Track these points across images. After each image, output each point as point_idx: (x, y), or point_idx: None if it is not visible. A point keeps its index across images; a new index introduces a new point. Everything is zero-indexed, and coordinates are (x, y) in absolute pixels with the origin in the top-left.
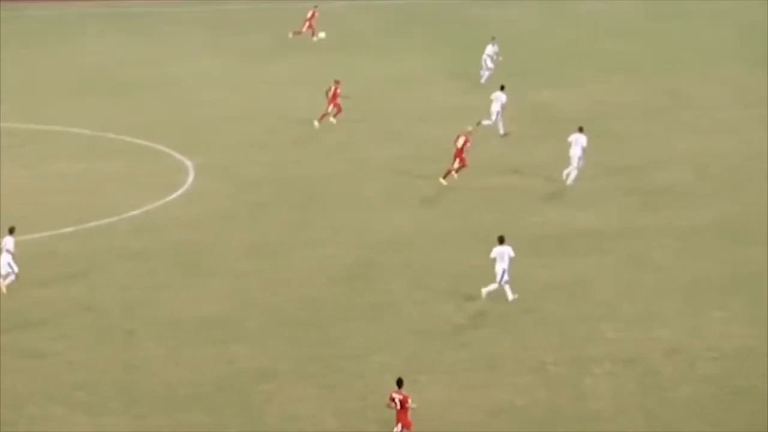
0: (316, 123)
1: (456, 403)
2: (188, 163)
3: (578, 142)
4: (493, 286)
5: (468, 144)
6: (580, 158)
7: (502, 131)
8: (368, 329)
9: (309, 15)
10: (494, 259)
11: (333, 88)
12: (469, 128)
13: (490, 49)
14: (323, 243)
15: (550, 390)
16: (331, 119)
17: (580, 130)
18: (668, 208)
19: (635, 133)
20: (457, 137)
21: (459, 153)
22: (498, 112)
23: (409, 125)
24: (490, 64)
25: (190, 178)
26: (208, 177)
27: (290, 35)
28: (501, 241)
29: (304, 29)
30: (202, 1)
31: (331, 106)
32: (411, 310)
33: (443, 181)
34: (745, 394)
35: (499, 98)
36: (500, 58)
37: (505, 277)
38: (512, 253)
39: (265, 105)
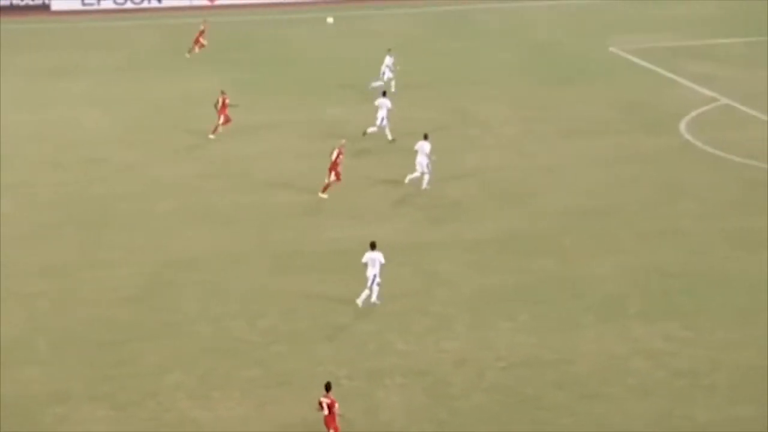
0: (211, 136)
1: (250, 419)
2: None
3: (423, 149)
4: (365, 293)
5: (341, 156)
6: (427, 164)
7: (390, 137)
8: (161, 348)
9: (200, 29)
10: (365, 264)
11: (221, 100)
12: (343, 141)
13: (388, 60)
14: (116, 263)
15: (343, 403)
16: (216, 132)
17: (425, 137)
18: (456, 221)
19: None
20: (331, 150)
21: (334, 166)
22: (383, 118)
23: (202, 143)
24: (389, 74)
25: None
26: None
27: (187, 55)
28: (372, 246)
29: (200, 43)
30: None
31: (221, 118)
32: (204, 328)
33: (323, 195)
34: (532, 402)
35: (383, 104)
36: (398, 68)
37: (376, 280)
38: (383, 260)
39: (57, 124)
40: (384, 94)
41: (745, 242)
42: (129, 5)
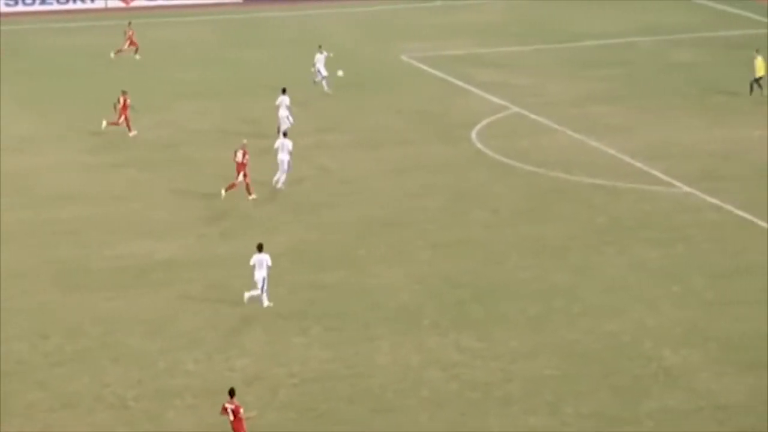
0: (104, 122)
1: None
2: None
3: (284, 147)
4: (255, 292)
5: (247, 156)
6: (289, 162)
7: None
8: None
9: (129, 33)
10: (254, 266)
11: (122, 100)
12: (245, 141)
13: (319, 58)
14: None
15: (131, 426)
16: (131, 134)
17: (284, 135)
18: (246, 235)
19: (211, 160)
20: (235, 152)
21: (241, 167)
22: (287, 117)
23: None
24: (324, 72)
25: None
26: None
27: (112, 55)
28: (259, 248)
29: (125, 47)
30: None
31: (121, 118)
32: None
33: (250, 197)
34: (326, 417)
35: (283, 101)
36: (331, 55)
37: (266, 285)
38: (269, 262)
39: None
40: (284, 91)
41: (537, 250)
42: None
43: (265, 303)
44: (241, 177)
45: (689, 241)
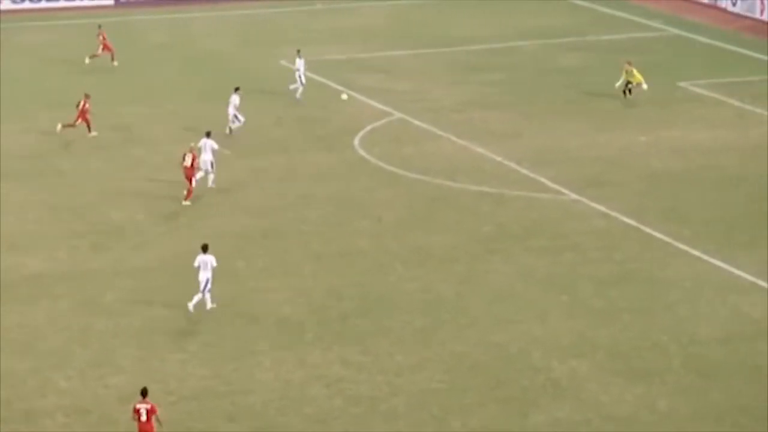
0: (58, 126)
1: None
2: None
3: (207, 146)
4: (197, 297)
5: (197, 161)
6: (213, 162)
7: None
8: None
9: (100, 37)
10: (198, 268)
11: (82, 102)
12: (192, 144)
13: (299, 63)
14: None
15: None
16: (92, 134)
17: (207, 135)
18: (120, 247)
19: (82, 171)
20: (184, 155)
21: (189, 171)
22: (235, 116)
23: None
24: (303, 80)
25: None
26: None
27: (87, 60)
28: (204, 249)
29: (100, 52)
30: None
31: (79, 120)
32: None
33: (185, 202)
34: None
35: (233, 100)
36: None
37: (208, 286)
38: (215, 263)
39: None
40: (236, 89)
41: (422, 260)
42: None
43: (209, 305)
44: (194, 182)
45: (577, 249)
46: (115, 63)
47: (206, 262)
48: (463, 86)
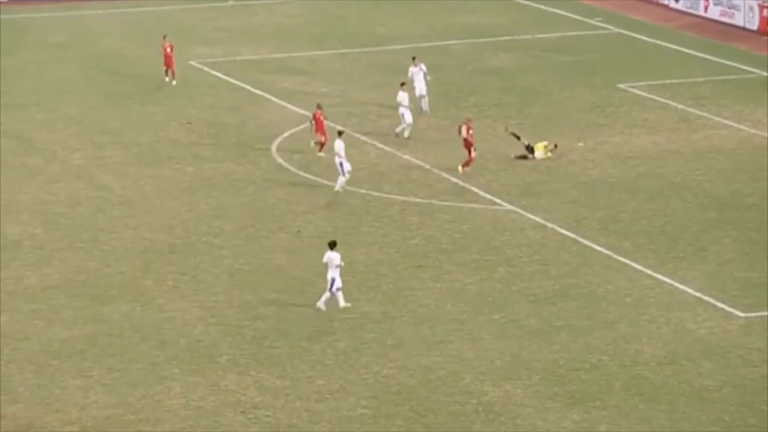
0: None
1: None
2: None
3: (338, 147)
4: (325, 296)
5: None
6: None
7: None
8: None
9: None
10: (326, 265)
11: None
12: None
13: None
14: None
15: None
16: None
17: (339, 134)
18: (15, 265)
19: None
20: (459, 127)
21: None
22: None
23: None
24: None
25: None
26: None
27: None
28: (332, 246)
29: None
30: None
31: None
32: None
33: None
34: None
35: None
36: None
37: (336, 285)
38: (339, 261)
39: None
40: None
41: (345, 276)
42: None
43: (341, 303)
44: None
45: (510, 264)
46: None
47: (332, 260)
48: (388, 89)
